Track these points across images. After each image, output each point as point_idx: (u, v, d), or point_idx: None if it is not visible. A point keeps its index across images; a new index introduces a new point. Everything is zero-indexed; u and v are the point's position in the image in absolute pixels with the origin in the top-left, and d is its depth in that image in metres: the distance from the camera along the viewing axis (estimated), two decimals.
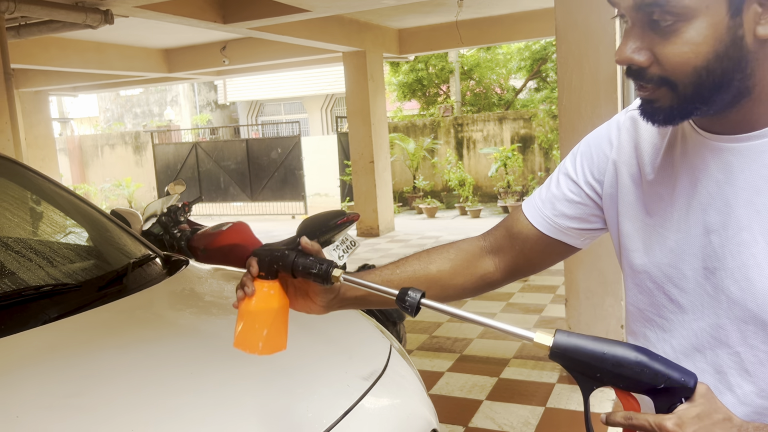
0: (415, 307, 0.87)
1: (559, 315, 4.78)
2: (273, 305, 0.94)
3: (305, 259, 0.93)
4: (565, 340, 0.78)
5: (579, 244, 1.03)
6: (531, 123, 11.98)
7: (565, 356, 0.78)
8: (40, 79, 11.17)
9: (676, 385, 0.75)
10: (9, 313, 1.53)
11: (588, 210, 0.99)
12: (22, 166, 2.35)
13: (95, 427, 1.17)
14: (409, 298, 0.86)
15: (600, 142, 0.97)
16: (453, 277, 1.06)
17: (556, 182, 1.02)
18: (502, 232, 1.07)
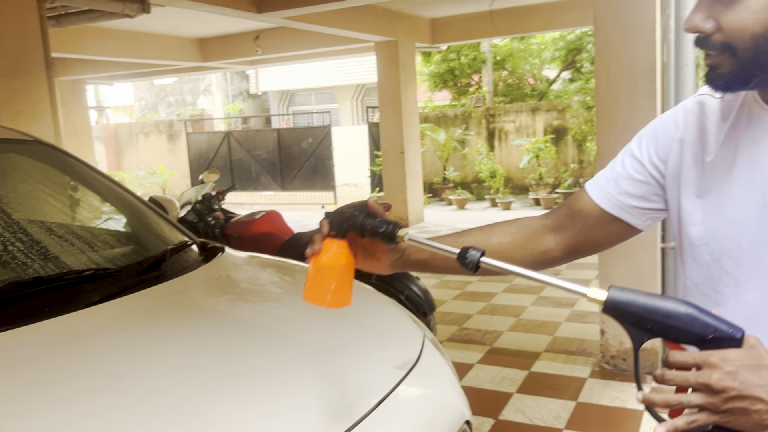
0: (476, 264, 0.91)
1: (591, 309, 4.73)
2: (341, 262, 0.99)
3: (373, 220, 0.99)
4: (618, 294, 0.81)
5: (639, 225, 1.06)
6: (564, 114, 11.81)
7: (618, 309, 0.81)
8: (77, 67, 11.38)
9: (724, 336, 0.77)
10: (53, 297, 1.57)
11: (650, 189, 1.02)
12: (63, 152, 2.40)
13: (136, 407, 1.20)
14: (469, 255, 0.91)
15: (666, 124, 1.01)
16: (513, 251, 1.08)
17: (620, 162, 1.05)
18: (564, 210, 1.10)
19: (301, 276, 2.18)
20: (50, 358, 1.33)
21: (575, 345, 4.10)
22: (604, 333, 3.64)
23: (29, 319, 1.44)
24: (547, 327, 4.48)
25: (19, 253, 1.70)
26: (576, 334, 4.31)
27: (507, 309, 4.97)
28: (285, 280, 2.11)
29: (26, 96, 4.12)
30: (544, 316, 4.74)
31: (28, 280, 1.59)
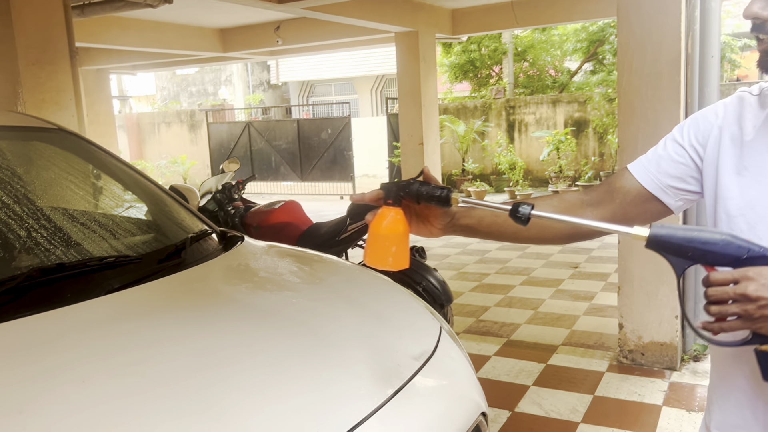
0: (527, 217, 1.00)
1: (609, 303, 4.69)
2: (400, 229, 1.08)
3: (428, 186, 1.07)
4: (660, 229, 0.91)
5: (672, 205, 1.15)
6: (586, 106, 11.69)
7: (661, 242, 0.91)
8: (101, 57, 11.49)
9: (757, 255, 0.88)
10: (74, 283, 1.59)
11: (688, 171, 1.12)
12: (86, 141, 2.43)
13: (156, 393, 1.21)
14: (522, 209, 1.00)
15: (706, 114, 1.12)
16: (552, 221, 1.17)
17: (663, 146, 1.16)
18: (604, 187, 1.20)
19: (319, 266, 2.19)
20: (72, 343, 1.35)
21: (593, 338, 4.08)
22: (623, 327, 3.62)
23: (52, 305, 1.47)
24: (565, 320, 4.46)
25: (42, 240, 1.73)
26: (594, 327, 4.29)
27: (525, 302, 4.95)
28: (303, 270, 2.12)
29: (51, 85, 4.17)
30: (562, 309, 4.72)
31: (52, 266, 1.61)
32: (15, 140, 2.24)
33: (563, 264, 6.15)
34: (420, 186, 1.08)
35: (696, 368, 3.52)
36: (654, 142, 3.58)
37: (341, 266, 2.23)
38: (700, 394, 3.22)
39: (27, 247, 1.71)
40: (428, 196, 1.07)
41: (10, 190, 1.91)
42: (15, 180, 1.99)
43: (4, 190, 1.90)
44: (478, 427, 1.69)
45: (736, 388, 1.07)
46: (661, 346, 3.53)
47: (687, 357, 3.62)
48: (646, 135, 3.31)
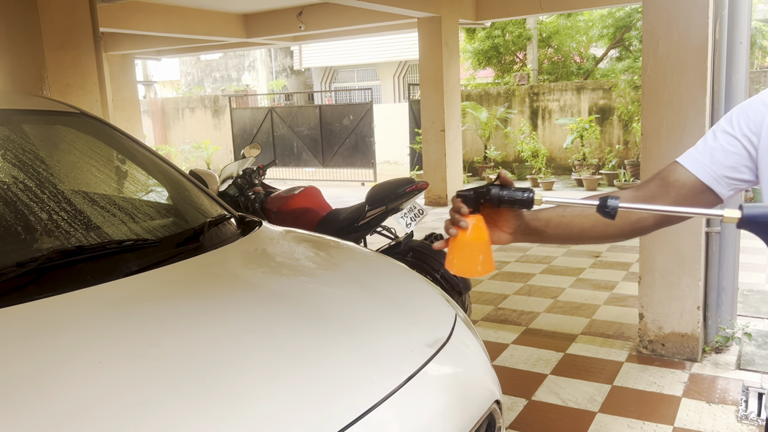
0: (616, 210, 1.02)
1: (630, 293, 4.65)
2: (484, 236, 1.10)
3: (508, 189, 1.08)
4: (752, 210, 0.92)
5: (724, 195, 1.18)
6: (611, 94, 11.51)
7: (754, 222, 0.92)
8: (126, 42, 11.60)
9: None
10: (94, 265, 1.62)
11: (741, 160, 1.14)
12: (108, 125, 2.46)
13: (171, 376, 1.23)
14: (611, 202, 1.02)
15: (755, 103, 1.14)
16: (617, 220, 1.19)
17: (712, 137, 1.18)
18: (656, 182, 1.22)
19: (335, 252, 2.20)
20: (90, 325, 1.37)
21: (613, 328, 4.04)
22: (643, 317, 3.58)
23: (72, 286, 1.49)
24: (585, 309, 4.43)
25: (63, 223, 1.75)
26: (614, 317, 4.25)
27: (544, 290, 4.92)
28: (320, 255, 2.13)
29: (75, 69, 4.22)
30: (582, 298, 4.68)
31: (72, 248, 1.64)
32: (38, 124, 2.27)
33: (585, 253, 6.10)
34: (500, 190, 1.08)
35: (717, 360, 3.48)
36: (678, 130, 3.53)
37: (358, 252, 2.23)
38: (721, 386, 3.19)
39: (48, 229, 1.74)
40: (510, 199, 1.08)
41: (32, 173, 1.94)
42: (37, 163, 2.02)
43: (27, 173, 1.94)
44: (491, 414, 1.69)
45: None
46: (682, 336, 3.49)
47: (708, 348, 3.57)
48: (671, 123, 3.25)
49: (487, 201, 1.09)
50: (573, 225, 1.20)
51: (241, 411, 1.19)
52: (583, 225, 1.19)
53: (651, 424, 2.87)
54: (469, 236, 1.09)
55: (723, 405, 3.01)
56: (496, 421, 1.72)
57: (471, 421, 1.54)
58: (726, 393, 3.12)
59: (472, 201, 1.10)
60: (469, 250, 1.09)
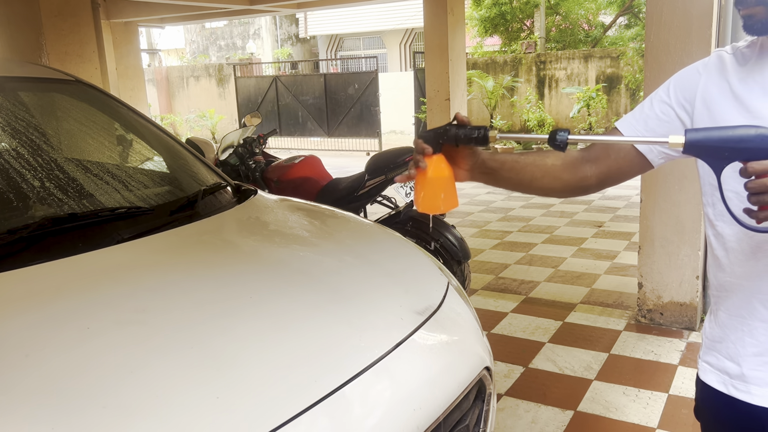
0: (565, 142, 1.05)
1: (631, 262, 4.65)
2: (445, 173, 1.16)
3: (464, 128, 1.14)
4: (695, 134, 0.94)
5: (656, 162, 1.23)
6: (618, 62, 11.36)
7: (698, 146, 0.93)
8: (129, 10, 11.48)
9: None
10: (86, 232, 1.63)
11: (674, 129, 1.17)
12: (104, 93, 2.45)
13: (158, 341, 1.25)
14: (560, 135, 1.05)
15: (689, 73, 1.17)
16: (562, 171, 1.27)
17: (649, 104, 1.21)
18: (600, 145, 1.28)
19: (330, 221, 2.20)
20: (79, 291, 1.39)
21: (612, 297, 4.06)
22: (642, 286, 3.59)
23: (63, 253, 1.50)
24: (585, 279, 4.44)
25: (56, 190, 1.76)
26: (614, 286, 4.26)
27: (545, 260, 4.93)
28: (313, 224, 2.13)
29: (73, 37, 4.19)
30: (583, 267, 4.69)
31: (64, 216, 1.65)
32: (33, 91, 2.26)
33: (587, 223, 6.09)
34: (457, 129, 1.14)
35: None
36: None
37: (352, 221, 2.23)
38: None
39: (41, 196, 1.74)
40: (467, 137, 1.14)
41: (26, 140, 1.95)
42: (32, 131, 2.02)
43: (21, 141, 1.94)
44: (481, 380, 1.71)
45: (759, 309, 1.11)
46: (680, 306, 3.49)
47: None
48: None
49: (446, 140, 1.15)
50: (525, 171, 1.25)
51: (228, 375, 1.20)
52: (534, 174, 1.25)
53: (646, 391, 2.90)
54: (430, 174, 1.14)
55: None
56: (486, 388, 1.74)
57: (460, 387, 1.55)
58: None
59: (432, 141, 1.15)
60: (430, 187, 1.15)
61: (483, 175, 1.26)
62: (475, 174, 1.25)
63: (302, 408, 1.19)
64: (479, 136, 1.13)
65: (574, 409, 2.77)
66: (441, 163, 1.16)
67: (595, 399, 2.85)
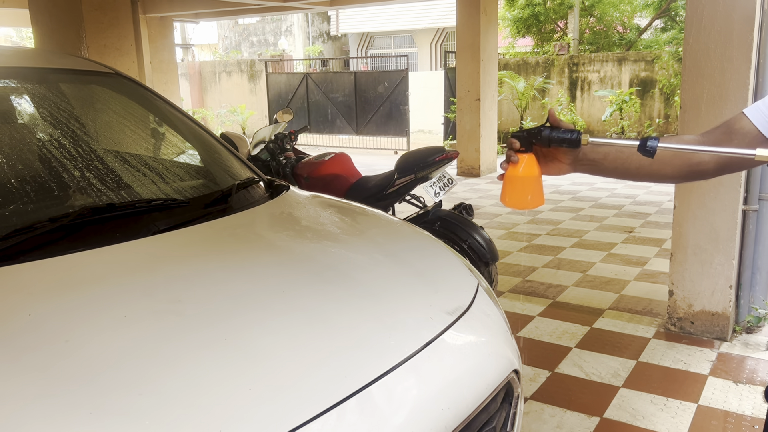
0: (655, 149, 1.09)
1: (662, 269, 4.58)
2: (534, 172, 1.22)
3: (558, 131, 1.19)
4: None
5: None
6: (653, 66, 11.18)
7: None
8: (165, 5, 11.64)
9: None
10: (123, 223, 1.66)
11: None
12: (142, 86, 2.49)
13: (192, 331, 1.26)
14: (650, 143, 1.09)
15: None
16: (673, 158, 1.25)
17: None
18: (722, 129, 1.24)
19: (361, 218, 2.21)
20: (117, 280, 1.41)
21: (642, 304, 4.00)
22: (673, 294, 3.53)
23: (101, 243, 1.53)
24: (614, 284, 4.38)
25: (95, 180, 1.80)
26: (644, 293, 4.20)
27: (574, 264, 4.88)
28: (344, 221, 2.14)
29: (113, 31, 4.26)
30: (612, 273, 4.63)
31: (102, 206, 1.68)
32: (74, 83, 2.31)
33: (618, 228, 6.01)
34: (550, 132, 1.19)
35: (748, 340, 3.42)
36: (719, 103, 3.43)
37: (382, 219, 2.24)
38: (750, 367, 3.14)
39: (80, 186, 1.78)
40: (559, 139, 1.19)
41: (67, 131, 1.99)
42: (72, 122, 2.06)
43: (62, 131, 1.98)
44: (509, 383, 1.70)
45: None
46: (712, 315, 3.43)
47: (739, 328, 3.51)
48: (711, 96, 3.15)
49: (539, 141, 1.21)
50: (631, 160, 1.25)
51: (260, 367, 1.22)
52: (641, 161, 1.23)
53: (675, 401, 2.85)
54: (521, 172, 1.21)
55: (750, 385, 2.97)
56: (514, 390, 1.73)
57: (488, 389, 1.55)
58: (754, 373, 3.08)
59: (525, 140, 1.21)
60: (520, 185, 1.22)
61: (585, 166, 1.28)
62: (577, 166, 1.27)
63: (332, 403, 1.20)
64: (572, 139, 1.18)
65: (600, 416, 2.74)
66: (532, 162, 1.22)
67: (622, 406, 2.82)
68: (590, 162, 1.27)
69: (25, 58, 2.30)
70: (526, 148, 1.22)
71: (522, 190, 1.23)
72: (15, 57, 2.28)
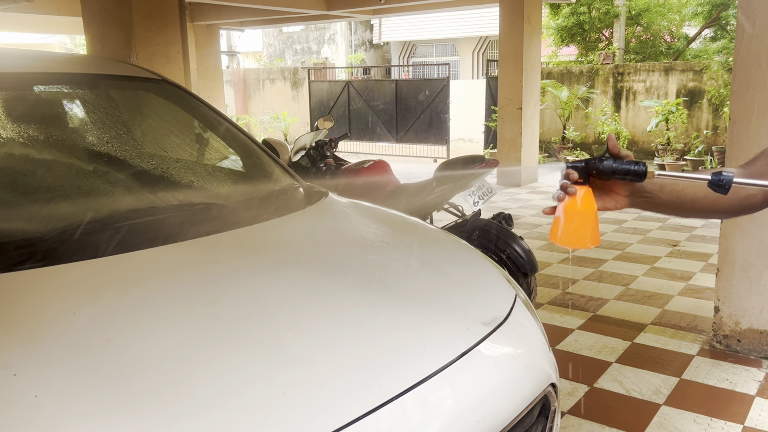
0: (730, 184, 1.02)
1: (707, 285, 4.45)
2: (593, 206, 1.12)
3: (621, 162, 1.10)
4: None
5: None
6: (702, 76, 10.91)
7: None
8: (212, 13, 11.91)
9: None
10: (165, 226, 1.69)
11: None
12: (188, 93, 2.55)
13: (229, 334, 1.28)
14: (724, 176, 1.02)
15: None
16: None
17: None
18: (763, 161, 1.19)
19: (399, 225, 2.21)
20: (158, 282, 1.44)
21: (686, 320, 3.89)
22: (719, 311, 3.43)
23: (143, 245, 1.57)
24: (657, 299, 4.28)
25: (140, 183, 1.84)
26: (688, 309, 4.08)
27: (616, 277, 4.78)
28: (382, 228, 2.14)
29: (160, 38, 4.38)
30: (655, 287, 4.52)
31: (146, 208, 1.72)
32: (122, 89, 2.38)
33: (661, 241, 5.87)
34: (613, 162, 1.09)
35: None
36: None
37: (420, 228, 2.23)
38: None
39: (125, 189, 1.83)
40: (623, 171, 1.09)
41: (115, 135, 2.05)
42: (120, 126, 2.12)
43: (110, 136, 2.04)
44: (546, 397, 1.67)
45: None
46: (760, 333, 3.31)
47: None
48: (762, 108, 3.05)
49: (599, 172, 1.10)
50: (686, 193, 1.19)
51: (295, 371, 1.23)
52: (696, 194, 1.18)
53: (719, 421, 2.76)
54: (579, 206, 1.10)
55: None
56: (551, 404, 1.70)
57: (524, 402, 1.53)
58: None
59: (582, 171, 1.11)
60: (579, 221, 1.11)
61: (642, 199, 1.20)
62: (634, 199, 1.19)
63: (365, 411, 1.20)
64: (637, 172, 1.08)
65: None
66: (590, 195, 1.11)
67: (663, 425, 2.74)
68: (647, 194, 1.19)
69: (77, 64, 2.38)
70: (584, 180, 1.12)
71: (581, 226, 1.11)
72: (68, 63, 2.36)
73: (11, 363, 1.12)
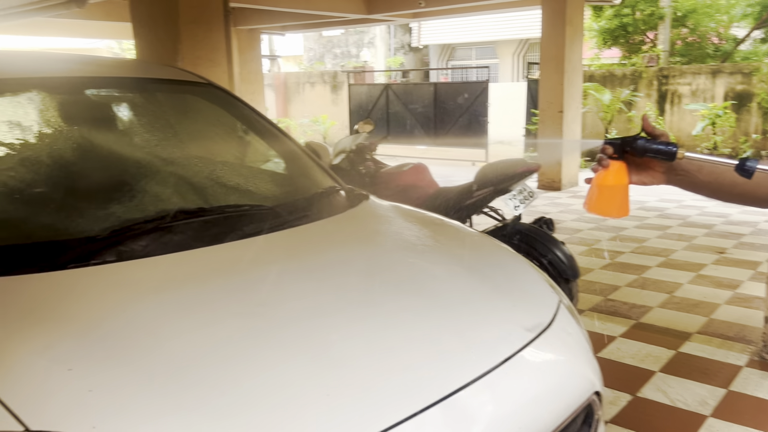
0: (754, 171, 1.06)
1: (756, 294, 4.31)
2: (624, 181, 1.20)
3: (654, 142, 1.17)
4: None
5: None
6: (751, 78, 10.59)
7: None
8: (254, 18, 12.08)
9: None
10: (212, 227, 1.73)
11: None
12: (233, 97, 2.59)
13: (275, 334, 1.30)
14: (750, 162, 1.06)
15: None
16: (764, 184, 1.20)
17: None
18: None
19: (440, 229, 2.20)
20: (205, 282, 1.47)
21: (733, 330, 3.78)
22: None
23: (191, 245, 1.60)
24: (703, 307, 4.17)
25: (187, 185, 1.88)
26: (736, 318, 3.97)
27: (660, 284, 4.68)
28: (424, 232, 2.14)
29: (206, 43, 4.47)
30: (701, 295, 4.41)
31: (193, 210, 1.76)
32: (170, 92, 2.43)
33: (708, 248, 5.71)
34: (645, 142, 1.17)
35: None
36: None
37: (462, 231, 2.23)
38: None
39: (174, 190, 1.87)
40: (654, 150, 1.16)
41: (162, 137, 2.10)
42: (168, 129, 2.17)
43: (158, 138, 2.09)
44: (590, 405, 1.65)
45: None
46: None
47: None
48: None
49: (633, 150, 1.18)
50: (725, 176, 1.19)
51: (338, 373, 1.24)
52: (735, 178, 1.15)
53: None
54: (611, 180, 1.19)
55: None
56: (595, 413, 1.68)
57: (567, 410, 1.51)
58: None
59: (618, 147, 1.19)
60: (609, 192, 1.20)
61: (679, 178, 1.23)
62: (671, 177, 1.23)
63: (407, 414, 1.20)
64: (667, 152, 1.15)
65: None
66: (622, 170, 1.19)
67: None
68: (684, 173, 1.21)
69: (128, 68, 2.45)
70: (619, 156, 1.19)
71: (610, 197, 1.21)
72: (119, 68, 2.43)
73: (67, 358, 1.15)
